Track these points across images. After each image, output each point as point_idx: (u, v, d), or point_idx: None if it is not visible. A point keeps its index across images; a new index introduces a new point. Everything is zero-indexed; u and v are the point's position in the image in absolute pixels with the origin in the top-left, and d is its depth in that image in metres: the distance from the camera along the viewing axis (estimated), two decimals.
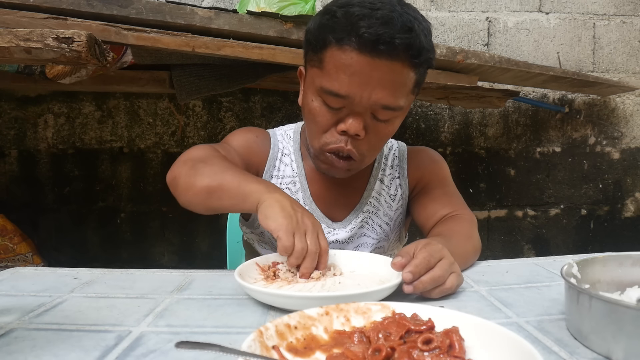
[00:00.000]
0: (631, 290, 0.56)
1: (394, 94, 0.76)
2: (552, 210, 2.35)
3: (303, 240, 0.67)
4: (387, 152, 1.03)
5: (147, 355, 0.48)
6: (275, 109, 2.19)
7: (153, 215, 2.20)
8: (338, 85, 0.74)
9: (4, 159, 2.17)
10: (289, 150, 0.99)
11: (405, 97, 0.78)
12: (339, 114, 0.78)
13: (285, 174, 0.97)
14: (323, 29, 0.75)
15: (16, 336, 0.52)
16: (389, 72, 0.73)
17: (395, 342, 0.43)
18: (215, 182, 0.76)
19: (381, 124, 0.79)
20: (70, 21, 1.30)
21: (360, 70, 0.72)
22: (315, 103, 0.80)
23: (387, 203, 0.99)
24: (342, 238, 0.95)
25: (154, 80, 1.76)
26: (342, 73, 0.74)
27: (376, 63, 0.72)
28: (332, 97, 0.76)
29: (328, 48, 0.75)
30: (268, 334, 0.43)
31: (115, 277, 0.77)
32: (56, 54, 1.00)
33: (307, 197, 0.96)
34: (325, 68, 0.76)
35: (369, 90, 0.74)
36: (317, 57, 0.78)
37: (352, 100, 0.75)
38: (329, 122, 0.79)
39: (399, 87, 0.76)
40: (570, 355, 0.47)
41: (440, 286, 0.62)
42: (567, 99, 2.29)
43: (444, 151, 2.25)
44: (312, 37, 0.79)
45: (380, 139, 0.83)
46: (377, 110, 0.77)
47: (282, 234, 0.66)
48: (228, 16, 1.44)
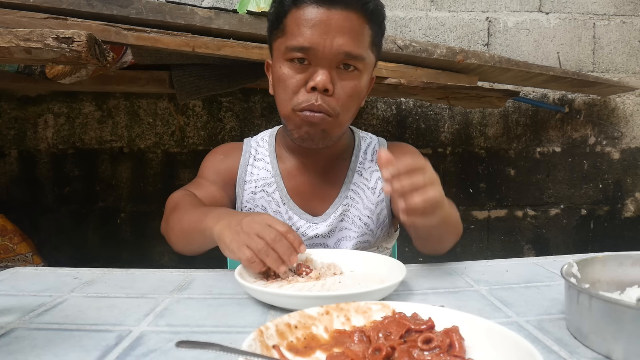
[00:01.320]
0: (631, 289, 0.57)
1: (354, 41, 0.81)
2: (552, 210, 2.35)
3: (257, 240, 0.66)
4: (366, 146, 1.03)
5: (148, 354, 0.48)
6: (275, 109, 2.17)
7: (153, 215, 2.20)
8: (302, 38, 0.80)
9: (4, 159, 2.17)
10: (264, 154, 1.01)
11: (365, 48, 0.83)
12: (305, 72, 0.82)
13: (260, 177, 0.99)
14: (281, 0, 0.83)
15: (16, 336, 0.52)
16: (346, 20, 0.80)
17: (395, 341, 0.43)
18: (181, 230, 0.83)
19: (347, 76, 0.83)
20: (70, 21, 1.30)
21: (319, 21, 0.79)
22: (283, 68, 0.84)
23: (366, 196, 0.99)
24: (323, 232, 0.95)
25: (154, 80, 1.76)
26: (303, 27, 0.80)
27: (332, 13, 0.79)
28: (297, 52, 0.81)
29: (288, 13, 0.82)
30: (268, 334, 0.43)
31: (116, 277, 0.77)
32: (56, 54, 1.00)
33: (285, 195, 0.96)
34: (288, 30, 0.82)
35: (330, 38, 0.79)
36: (279, 29, 0.84)
37: (316, 51, 0.80)
38: (298, 82, 0.83)
39: (357, 35, 0.81)
40: (570, 355, 0.47)
41: (421, 192, 0.61)
42: (567, 99, 2.29)
43: (444, 151, 2.26)
44: (272, 13, 0.86)
45: (349, 95, 0.85)
46: (341, 59, 0.81)
47: (238, 254, 0.66)
48: (228, 16, 1.44)
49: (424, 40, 2.14)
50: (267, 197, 0.97)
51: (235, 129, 2.18)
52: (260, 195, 0.97)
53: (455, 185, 2.24)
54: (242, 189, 0.99)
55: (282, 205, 0.96)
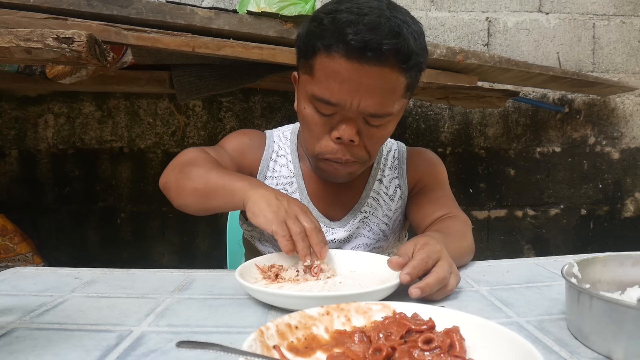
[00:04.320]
0: (631, 290, 0.57)
1: (383, 101, 0.75)
2: (552, 210, 2.35)
3: (297, 224, 0.68)
4: (387, 152, 1.03)
5: (148, 354, 0.48)
6: (275, 109, 2.19)
7: (153, 215, 2.20)
8: (328, 93, 0.75)
9: (4, 159, 2.17)
10: (286, 151, 0.99)
11: (395, 102, 0.78)
12: (331, 120, 0.79)
13: (281, 175, 0.97)
14: (311, 37, 0.75)
15: (17, 336, 0.52)
16: (378, 79, 0.73)
17: (396, 341, 0.43)
18: (201, 184, 0.79)
19: (374, 129, 0.80)
20: (70, 21, 1.30)
21: (349, 78, 0.72)
22: (307, 110, 0.80)
23: (385, 204, 0.99)
24: (340, 238, 0.95)
25: (154, 80, 1.76)
26: (331, 80, 0.74)
27: (364, 69, 0.71)
28: (323, 104, 0.76)
29: (317, 55, 0.75)
30: (269, 334, 0.43)
31: (116, 277, 0.77)
32: (56, 54, 1.00)
33: (305, 197, 0.96)
34: (315, 75, 0.76)
35: (358, 97, 0.74)
36: (307, 64, 0.78)
37: (342, 107, 0.75)
38: (323, 129, 0.80)
39: (388, 93, 0.75)
40: (571, 355, 0.47)
41: (443, 288, 0.62)
42: (567, 99, 2.29)
43: (444, 151, 2.26)
44: (301, 44, 0.79)
45: (376, 143, 0.83)
46: (367, 117, 0.77)
47: (275, 227, 0.67)
48: (228, 16, 1.44)
49: None
50: None
51: (235, 129, 2.17)
52: None
53: (455, 185, 2.23)
54: None
55: None
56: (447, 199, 0.98)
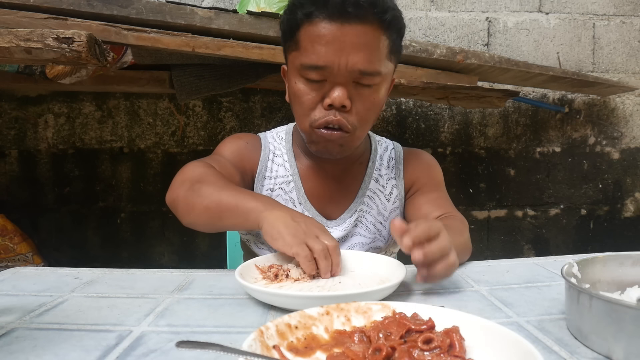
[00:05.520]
0: (631, 290, 0.57)
1: (369, 58, 0.78)
2: (552, 210, 2.35)
3: (319, 242, 0.68)
4: (382, 151, 1.03)
5: (148, 354, 0.48)
6: (275, 109, 2.19)
7: (153, 215, 2.20)
8: (316, 57, 0.77)
9: (4, 159, 2.17)
10: (281, 150, 1.00)
11: (382, 61, 0.80)
12: (322, 89, 0.80)
13: (279, 174, 0.98)
14: (292, 10, 0.80)
15: (17, 336, 0.52)
16: (361, 35, 0.76)
17: (395, 341, 0.43)
18: (213, 203, 0.78)
19: (365, 91, 0.81)
20: (70, 21, 1.30)
21: (333, 38, 0.76)
22: (298, 84, 0.82)
23: (381, 203, 0.99)
24: (336, 237, 0.95)
25: (154, 80, 1.76)
26: (317, 45, 0.77)
27: (347, 28, 0.75)
28: (312, 70, 0.79)
29: (301, 27, 0.79)
30: (269, 334, 0.44)
31: (116, 277, 0.77)
32: (56, 54, 1.00)
33: (302, 195, 0.96)
34: (302, 46, 0.79)
35: (345, 56, 0.76)
36: (293, 41, 0.81)
37: (331, 69, 0.77)
38: (315, 99, 0.81)
39: (373, 50, 0.78)
40: (571, 355, 0.47)
41: (444, 259, 0.62)
42: (567, 99, 2.29)
43: (443, 151, 2.26)
44: (285, 23, 0.83)
45: (368, 109, 0.84)
46: (357, 77, 0.79)
47: (296, 249, 0.67)
48: (228, 16, 1.44)
49: (423, 40, 2.14)
50: (284, 196, 0.97)
51: (235, 129, 2.18)
52: (278, 193, 0.97)
53: (455, 185, 2.24)
54: (260, 184, 0.97)
55: (298, 205, 0.96)
56: (444, 200, 0.99)
